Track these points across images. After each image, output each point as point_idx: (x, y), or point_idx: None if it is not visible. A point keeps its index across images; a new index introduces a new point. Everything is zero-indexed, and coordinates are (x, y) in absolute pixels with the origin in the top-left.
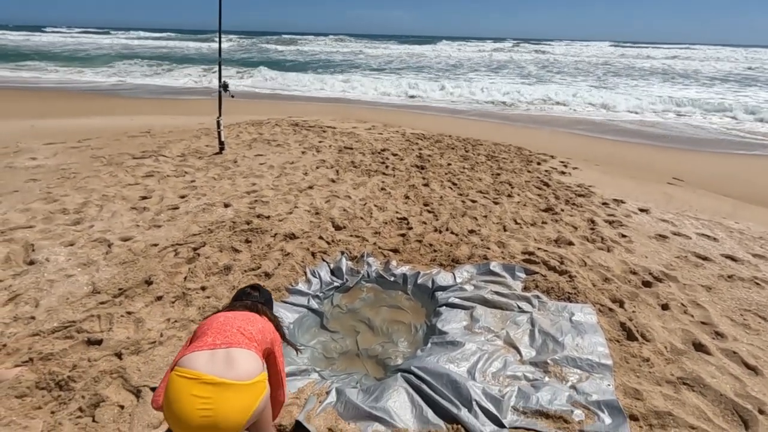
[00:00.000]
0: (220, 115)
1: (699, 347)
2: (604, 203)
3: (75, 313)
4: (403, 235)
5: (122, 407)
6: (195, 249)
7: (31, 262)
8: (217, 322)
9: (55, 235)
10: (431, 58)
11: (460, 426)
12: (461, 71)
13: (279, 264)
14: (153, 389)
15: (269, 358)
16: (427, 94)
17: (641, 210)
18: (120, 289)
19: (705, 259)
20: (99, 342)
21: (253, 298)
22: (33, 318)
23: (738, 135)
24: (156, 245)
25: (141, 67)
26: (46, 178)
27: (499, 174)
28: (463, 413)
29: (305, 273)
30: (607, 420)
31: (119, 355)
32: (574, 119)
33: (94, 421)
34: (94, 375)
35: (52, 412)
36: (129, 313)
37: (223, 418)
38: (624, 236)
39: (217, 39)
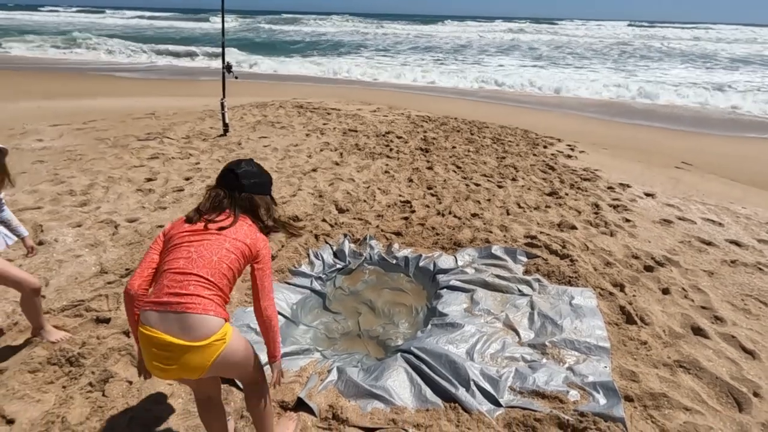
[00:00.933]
0: (224, 96)
1: (697, 331)
2: (609, 187)
3: (84, 293)
4: (405, 218)
5: (130, 383)
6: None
7: (40, 243)
8: (182, 260)
9: (62, 217)
10: (440, 38)
11: (457, 404)
12: (470, 52)
13: (282, 246)
14: None
15: (252, 271)
16: (434, 76)
17: (647, 194)
18: (127, 269)
19: (709, 244)
20: (107, 320)
21: (235, 188)
22: (43, 297)
23: (752, 117)
24: (161, 227)
25: (147, 48)
26: (52, 160)
27: (504, 157)
28: (461, 392)
29: (308, 255)
30: (602, 400)
31: (127, 333)
32: (585, 102)
33: (104, 395)
34: (103, 352)
35: (64, 387)
36: None
37: (183, 369)
38: (628, 221)
39: (214, 19)
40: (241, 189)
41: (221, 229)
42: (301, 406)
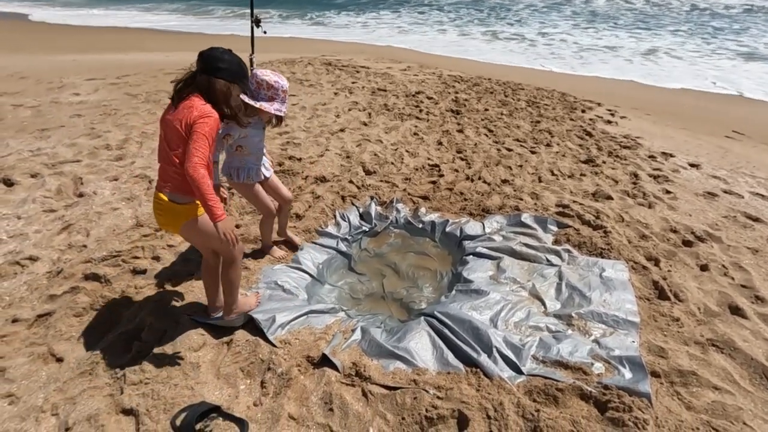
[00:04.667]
0: (252, 52)
1: (735, 310)
2: (650, 156)
3: (121, 244)
4: (433, 182)
5: (165, 331)
6: (230, 188)
7: (81, 195)
8: (161, 152)
9: (100, 170)
10: None
11: (478, 369)
12: (517, 7)
13: (309, 206)
14: (190, 317)
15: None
16: (470, 39)
17: (691, 165)
18: None
19: (756, 220)
20: (144, 272)
21: (198, 69)
22: (85, 246)
23: None
24: None
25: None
26: (89, 114)
27: (538, 121)
28: (483, 358)
29: (335, 216)
30: (628, 375)
31: (162, 285)
32: (627, 63)
33: (141, 340)
34: (140, 300)
35: (106, 331)
36: (170, 246)
37: (166, 222)
38: (668, 192)
39: None
40: (203, 70)
41: (176, 108)
42: (325, 362)
